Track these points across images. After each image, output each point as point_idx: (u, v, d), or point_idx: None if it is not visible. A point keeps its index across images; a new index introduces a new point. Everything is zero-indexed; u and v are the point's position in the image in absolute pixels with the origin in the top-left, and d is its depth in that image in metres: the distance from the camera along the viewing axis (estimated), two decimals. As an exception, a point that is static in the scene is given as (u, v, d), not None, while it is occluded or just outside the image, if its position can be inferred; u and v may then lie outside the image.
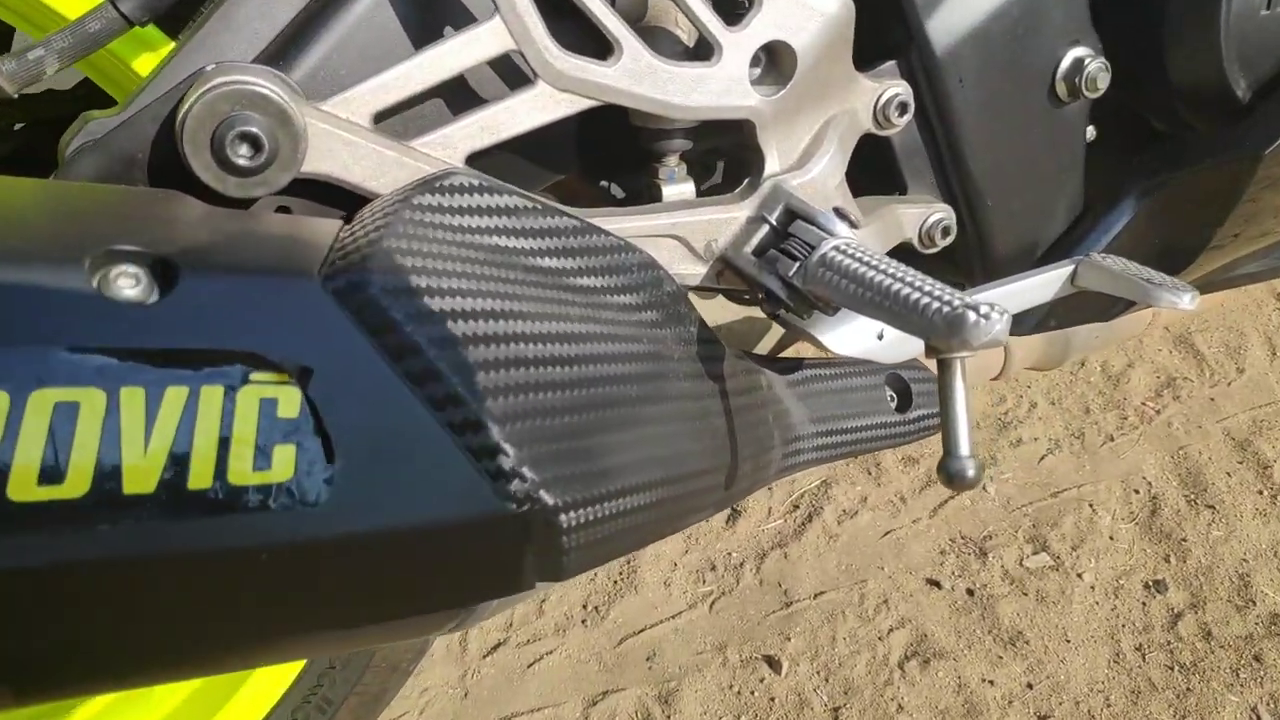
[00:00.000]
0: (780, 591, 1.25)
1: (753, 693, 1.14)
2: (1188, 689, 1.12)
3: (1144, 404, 1.50)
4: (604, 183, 0.73)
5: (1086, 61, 0.73)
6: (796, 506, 1.36)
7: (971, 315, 0.47)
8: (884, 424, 0.81)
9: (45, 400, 0.31)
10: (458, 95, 0.56)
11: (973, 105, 0.72)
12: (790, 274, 0.58)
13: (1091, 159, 0.81)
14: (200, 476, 0.34)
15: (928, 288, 0.50)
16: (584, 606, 1.24)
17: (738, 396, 0.64)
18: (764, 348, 0.97)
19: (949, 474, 0.49)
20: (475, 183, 0.51)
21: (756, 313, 0.90)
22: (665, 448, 0.52)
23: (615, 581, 1.27)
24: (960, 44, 0.69)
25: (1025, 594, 1.23)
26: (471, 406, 0.40)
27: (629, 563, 1.29)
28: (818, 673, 1.15)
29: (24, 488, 0.31)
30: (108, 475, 0.32)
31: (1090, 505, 1.34)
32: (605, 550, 0.48)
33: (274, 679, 0.87)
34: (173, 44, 0.63)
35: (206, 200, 0.47)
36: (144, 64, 0.64)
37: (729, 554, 1.30)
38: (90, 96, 0.82)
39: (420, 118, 0.56)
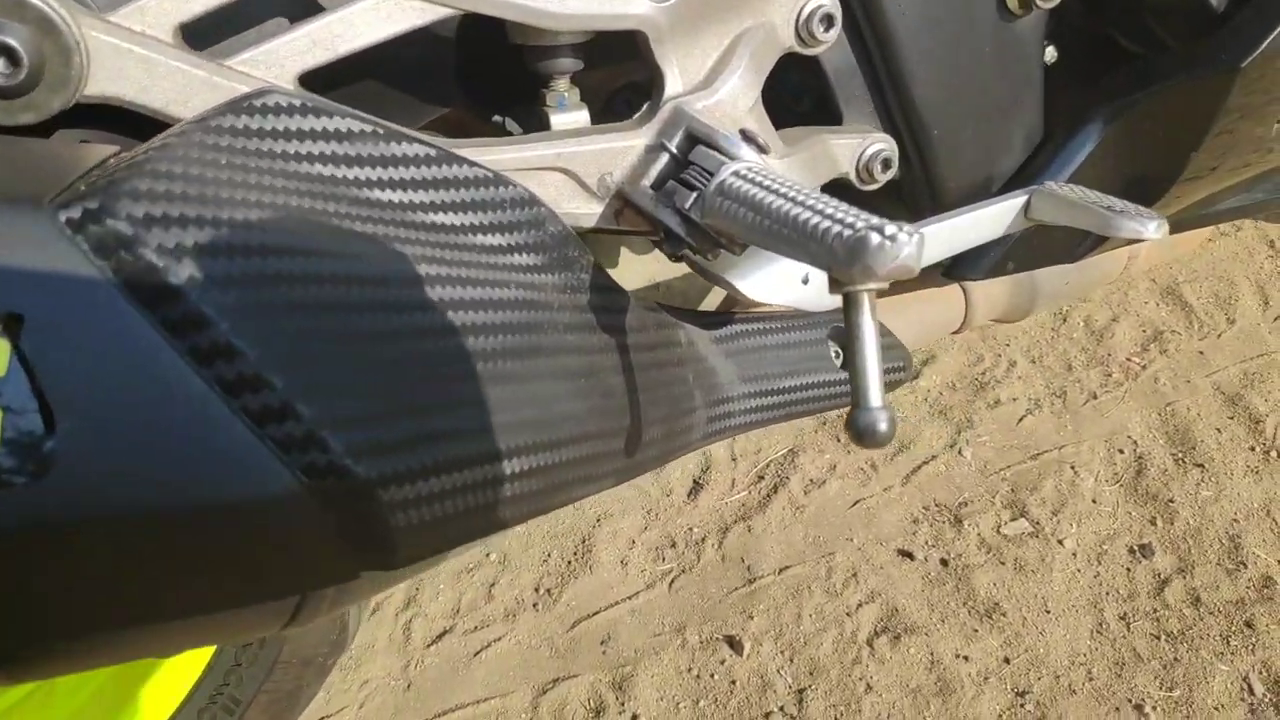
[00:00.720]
0: (743, 567, 1.18)
1: (713, 676, 1.07)
2: (1175, 659, 1.05)
3: (1129, 359, 1.42)
4: (497, 117, 0.64)
5: (1040, -33, 0.65)
6: (761, 477, 1.29)
7: (875, 238, 0.39)
8: (827, 382, 0.74)
9: None
10: (283, 4, 0.48)
11: (911, 18, 0.64)
12: (688, 206, 0.50)
13: (1052, 83, 0.73)
14: None
15: (830, 210, 0.42)
16: (536, 589, 1.17)
17: (643, 352, 0.57)
18: (711, 306, 0.89)
19: (858, 429, 0.41)
20: (295, 103, 0.43)
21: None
22: (535, 409, 0.45)
23: (569, 562, 1.20)
24: (896, -54, 0.61)
25: (1003, 563, 1.16)
26: (249, 359, 0.33)
27: (584, 540, 1.22)
28: (781, 652, 1.08)
29: None
30: None
31: (1072, 467, 1.27)
32: (459, 529, 0.41)
33: (177, 678, 0.80)
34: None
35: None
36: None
37: (690, 529, 1.23)
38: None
39: (239, 32, 0.48)
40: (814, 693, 1.04)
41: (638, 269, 0.88)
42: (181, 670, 0.80)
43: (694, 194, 0.50)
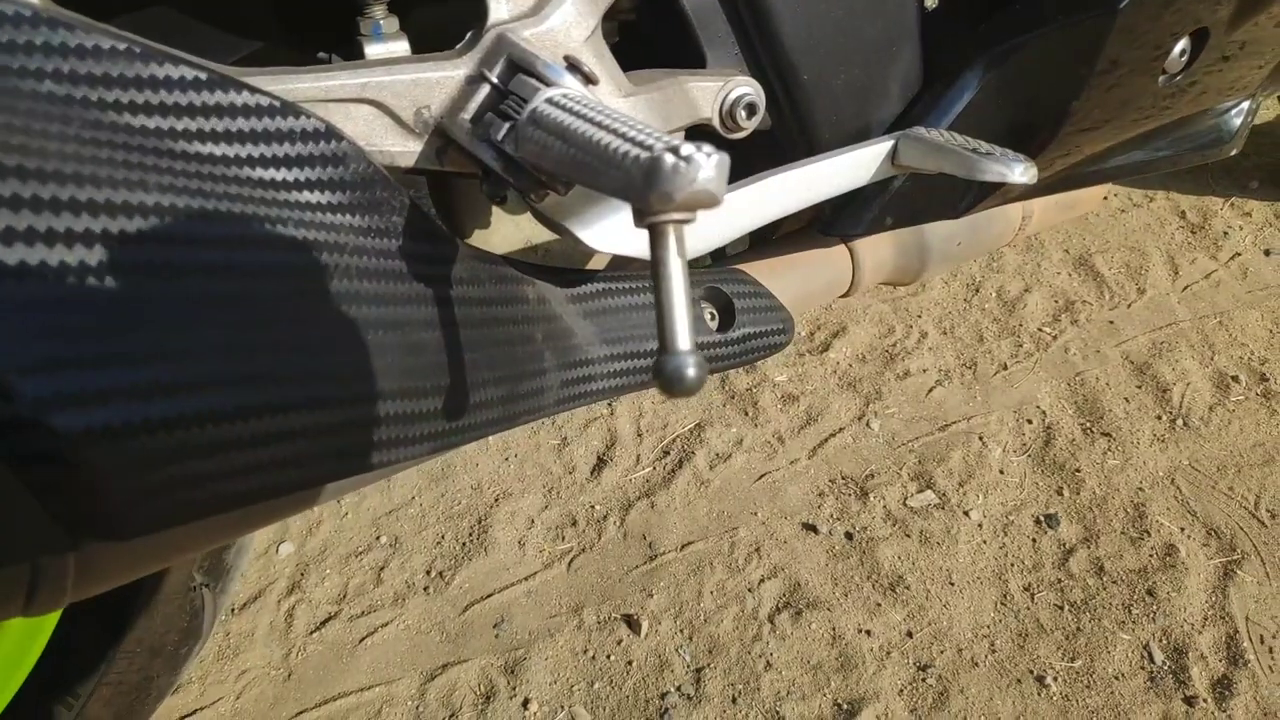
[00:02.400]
0: (645, 545, 1.14)
1: (609, 656, 1.03)
2: (1078, 629, 1.03)
3: (1040, 329, 1.41)
4: (322, 54, 0.59)
5: (909, -103, 0.61)
6: (667, 453, 1.25)
7: (669, 158, 0.34)
8: (701, 344, 0.70)
9: None
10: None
11: (774, -50, 0.60)
12: (500, 137, 0.45)
13: (928, 26, 0.69)
14: None
15: (633, 134, 0.38)
16: (427, 572, 1.12)
17: (472, 307, 0.52)
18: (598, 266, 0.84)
19: (665, 375, 0.37)
20: (25, 13, 0.37)
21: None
22: (305, 362, 0.40)
23: (464, 543, 1.15)
24: None
25: (908, 535, 1.13)
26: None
27: (480, 521, 1.17)
28: (680, 631, 1.05)
29: None
30: None
31: (980, 438, 1.25)
32: (198, 499, 0.36)
33: (7, 669, 0.73)
34: None
35: None
36: None
37: (592, 507, 1.19)
38: None
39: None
40: (712, 671, 1.01)
41: (511, 230, 0.83)
42: (10, 661, 0.74)
43: (507, 124, 0.45)
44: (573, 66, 0.48)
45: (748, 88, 0.63)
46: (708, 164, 0.34)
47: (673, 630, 1.05)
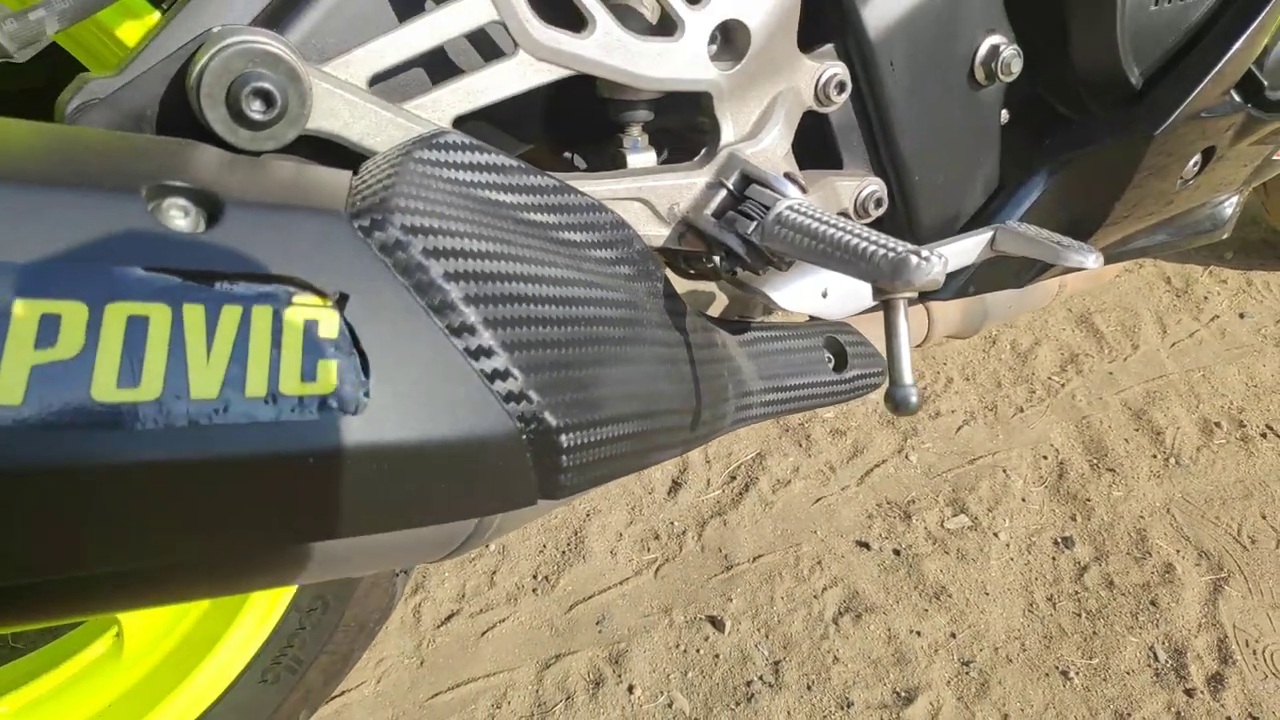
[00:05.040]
0: (721, 556, 1.31)
1: (698, 650, 1.20)
2: (1094, 632, 1.22)
3: (1050, 378, 1.61)
4: (567, 154, 0.77)
5: (1001, 48, 0.81)
6: (734, 477, 1.43)
7: (914, 259, 0.53)
8: (823, 383, 0.88)
9: (119, 312, 0.35)
10: (443, 63, 0.60)
11: (902, 86, 0.79)
12: (749, 232, 0.64)
13: (1006, 139, 0.89)
14: (255, 385, 0.37)
15: (874, 238, 0.56)
16: (534, 576, 1.28)
17: (699, 349, 0.70)
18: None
19: (895, 401, 0.55)
20: (465, 141, 0.55)
21: (702, 286, 0.96)
22: (644, 386, 0.58)
23: (564, 552, 1.31)
24: (890, 29, 0.76)
25: (947, 552, 1.32)
26: (484, 335, 0.45)
27: (576, 533, 1.34)
28: (758, 630, 1.22)
29: (105, 389, 0.34)
30: (176, 380, 0.36)
31: (1004, 470, 1.44)
32: (595, 473, 0.53)
33: (244, 641, 0.89)
34: (155, 13, 0.65)
35: (217, 153, 0.50)
36: (127, 31, 0.67)
37: (671, 523, 1.36)
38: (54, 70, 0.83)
39: (407, 83, 0.60)
40: (788, 664, 1.18)
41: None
42: (247, 633, 0.89)
43: (754, 222, 0.64)
44: (791, 179, 0.67)
45: (876, 185, 0.82)
46: (939, 263, 0.53)
47: (751, 629, 1.22)
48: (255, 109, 0.50)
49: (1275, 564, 1.30)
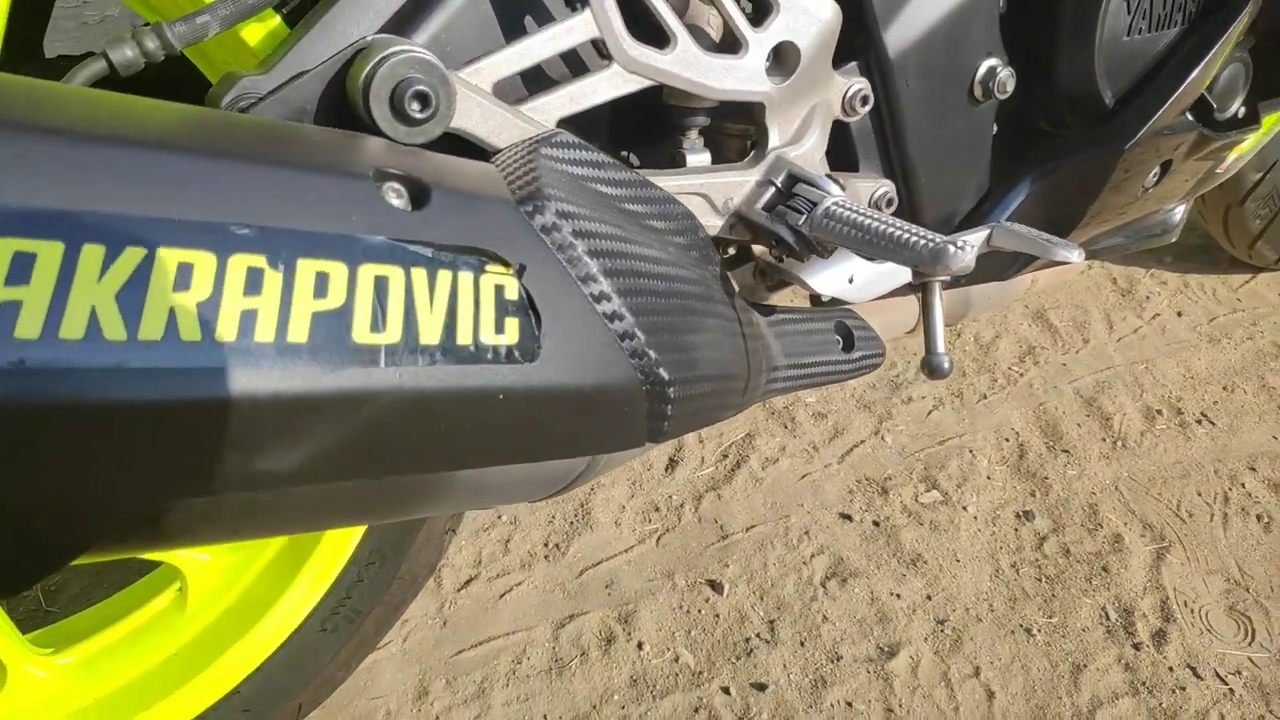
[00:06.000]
0: (716, 527, 1.42)
1: (700, 611, 1.30)
2: (1053, 595, 1.35)
3: (1010, 368, 1.75)
4: (624, 152, 0.87)
5: (998, 70, 0.93)
6: (725, 455, 1.54)
7: (951, 248, 0.64)
8: (834, 361, 0.99)
9: (368, 272, 0.43)
10: (547, 72, 0.70)
11: (914, 101, 0.90)
12: (799, 224, 0.74)
13: (995, 149, 1.01)
14: (464, 335, 0.46)
15: (914, 230, 0.67)
16: (545, 544, 1.37)
17: (747, 326, 0.80)
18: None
19: (930, 366, 0.66)
20: (575, 141, 0.64)
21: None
22: (718, 353, 0.68)
23: (571, 522, 1.41)
24: (907, 51, 0.88)
25: (921, 524, 1.44)
26: (616, 301, 0.54)
27: (582, 505, 1.43)
28: (754, 593, 1.33)
29: (361, 333, 0.43)
30: (410, 328, 0.44)
31: (970, 451, 1.58)
32: (686, 424, 0.63)
33: (307, 592, 0.96)
34: (276, 16, 0.73)
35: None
36: (250, 31, 0.74)
37: (670, 497, 1.46)
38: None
39: (516, 88, 0.69)
40: (782, 622, 1.29)
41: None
42: (310, 586, 0.97)
43: (802, 215, 0.74)
44: (832, 179, 0.77)
45: (888, 187, 0.93)
46: (972, 252, 0.64)
47: (747, 592, 1.33)
48: (414, 109, 0.58)
49: (1209, 535, 1.45)
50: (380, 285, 0.44)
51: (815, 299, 1.11)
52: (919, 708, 1.19)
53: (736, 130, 0.83)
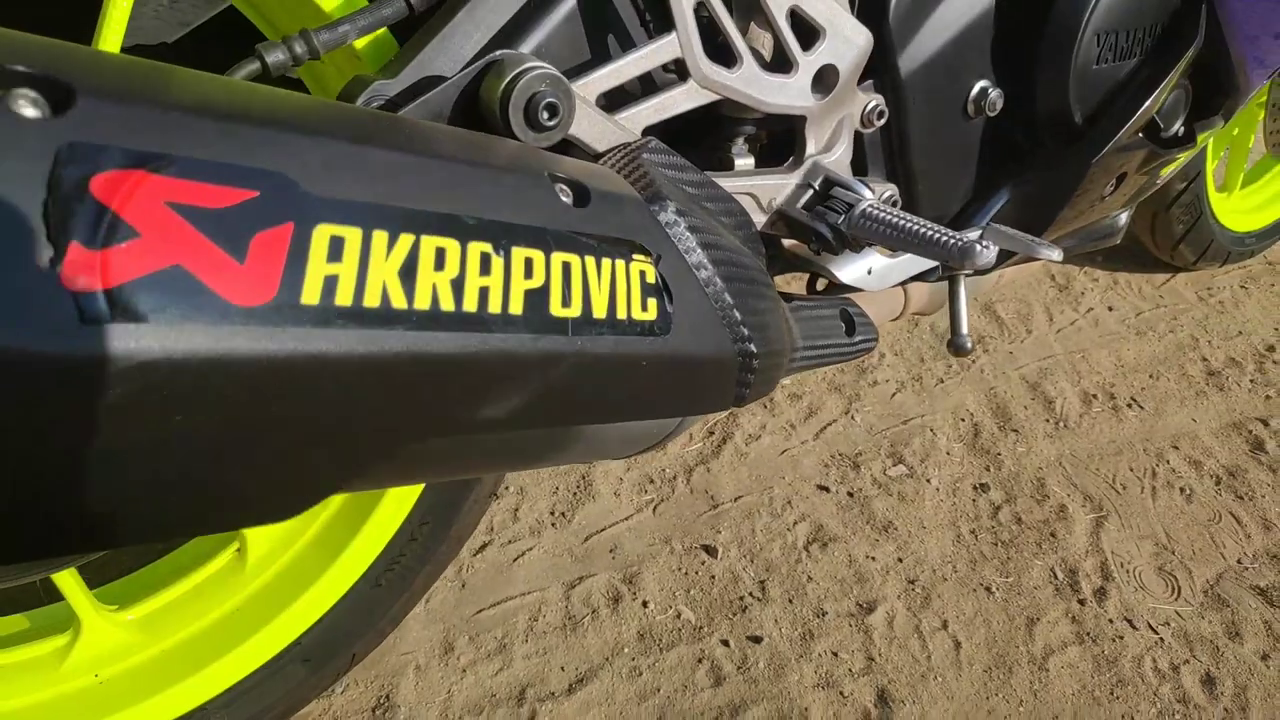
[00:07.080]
0: (707, 497, 1.54)
1: (697, 572, 1.42)
2: (1008, 558, 1.51)
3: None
4: (672, 154, 0.97)
5: (989, 90, 1.06)
6: (712, 433, 1.66)
7: (978, 246, 0.77)
8: (839, 344, 1.11)
9: (558, 259, 0.53)
10: (636, 85, 0.80)
11: (919, 116, 1.03)
12: (838, 222, 0.86)
13: (980, 160, 1.14)
14: (621, 311, 0.56)
15: (941, 229, 0.80)
16: (551, 513, 1.47)
17: (783, 311, 0.92)
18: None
19: (955, 346, 0.79)
20: (663, 147, 0.75)
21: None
22: (777, 332, 0.79)
23: (574, 493, 1.51)
24: (916, 72, 1.00)
25: (890, 495, 1.59)
26: (720, 285, 0.65)
27: (583, 478, 1.54)
28: (745, 556, 1.45)
29: (556, 308, 0.53)
30: (587, 305, 0.54)
31: (930, 430, 1.73)
32: (759, 392, 0.74)
33: (365, 550, 1.05)
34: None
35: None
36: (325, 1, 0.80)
37: (663, 470, 1.57)
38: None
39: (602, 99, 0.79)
40: (772, 582, 1.42)
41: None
42: (368, 542, 1.05)
43: (841, 215, 0.86)
44: (864, 184, 0.89)
45: (893, 190, 1.06)
46: (995, 250, 0.77)
47: (739, 555, 1.45)
48: (544, 117, 0.68)
49: (1140, 505, 1.63)
50: (566, 269, 0.54)
51: (811, 287, 1.24)
52: (896, 656, 1.33)
53: (768, 138, 0.94)
